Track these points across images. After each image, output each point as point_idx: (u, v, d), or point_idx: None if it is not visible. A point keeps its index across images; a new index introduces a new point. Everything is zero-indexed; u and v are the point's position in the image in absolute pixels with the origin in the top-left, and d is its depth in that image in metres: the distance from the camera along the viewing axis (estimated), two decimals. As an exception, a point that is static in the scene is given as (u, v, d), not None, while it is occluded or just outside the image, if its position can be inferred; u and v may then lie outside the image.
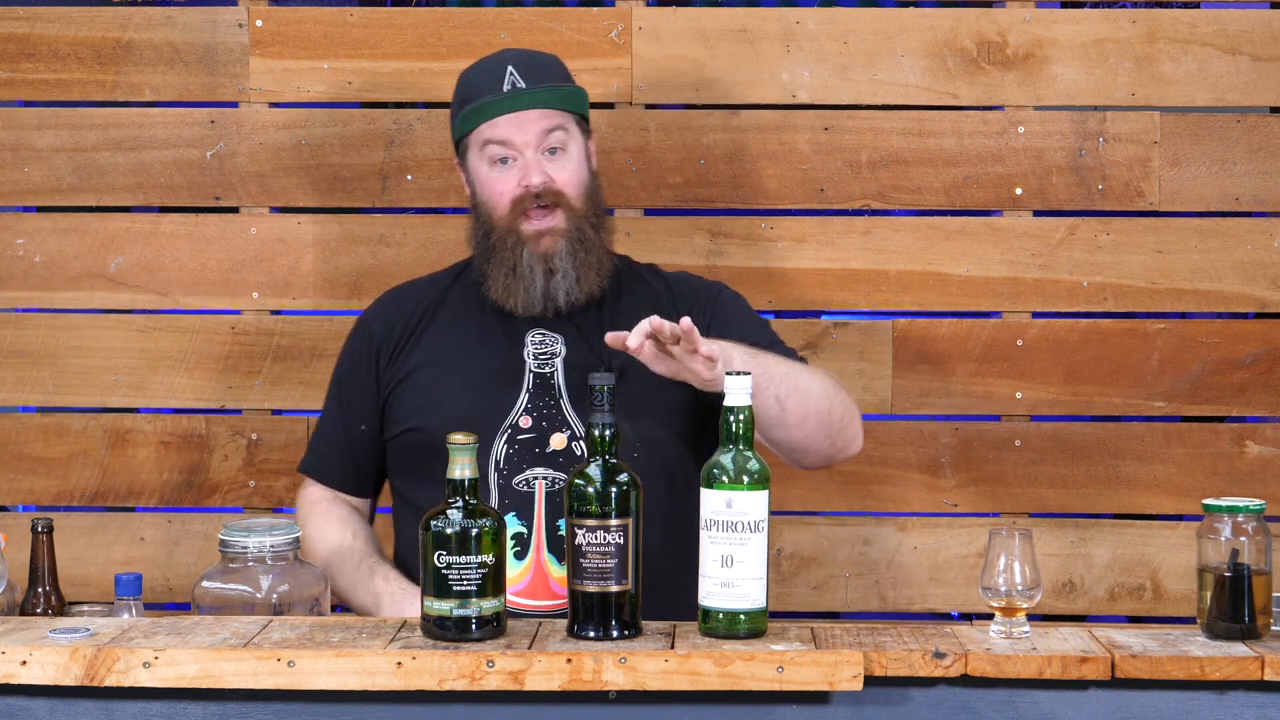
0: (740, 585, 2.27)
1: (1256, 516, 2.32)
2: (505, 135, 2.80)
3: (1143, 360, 3.37)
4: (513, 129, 2.79)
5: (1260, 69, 3.34)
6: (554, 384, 2.79)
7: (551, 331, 2.82)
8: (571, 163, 2.82)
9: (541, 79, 2.82)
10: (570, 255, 2.79)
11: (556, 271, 2.79)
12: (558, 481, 2.74)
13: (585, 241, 2.81)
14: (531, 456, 2.76)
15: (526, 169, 2.79)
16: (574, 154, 2.83)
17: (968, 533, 3.40)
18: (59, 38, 3.40)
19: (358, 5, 4.03)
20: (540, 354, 2.81)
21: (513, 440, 2.77)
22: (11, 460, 3.41)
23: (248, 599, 2.61)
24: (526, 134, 2.79)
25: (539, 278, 2.79)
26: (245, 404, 3.41)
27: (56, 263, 3.41)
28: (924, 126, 3.37)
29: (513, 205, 2.80)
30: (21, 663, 2.22)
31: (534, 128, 2.79)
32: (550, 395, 2.78)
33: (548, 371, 2.80)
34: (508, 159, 2.81)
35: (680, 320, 2.49)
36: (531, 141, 2.79)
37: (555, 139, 2.81)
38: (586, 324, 2.83)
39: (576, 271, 2.79)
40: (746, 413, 2.29)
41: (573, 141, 2.83)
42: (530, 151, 2.79)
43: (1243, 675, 2.23)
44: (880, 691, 2.25)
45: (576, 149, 2.83)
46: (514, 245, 2.79)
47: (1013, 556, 2.33)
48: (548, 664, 2.20)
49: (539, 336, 2.82)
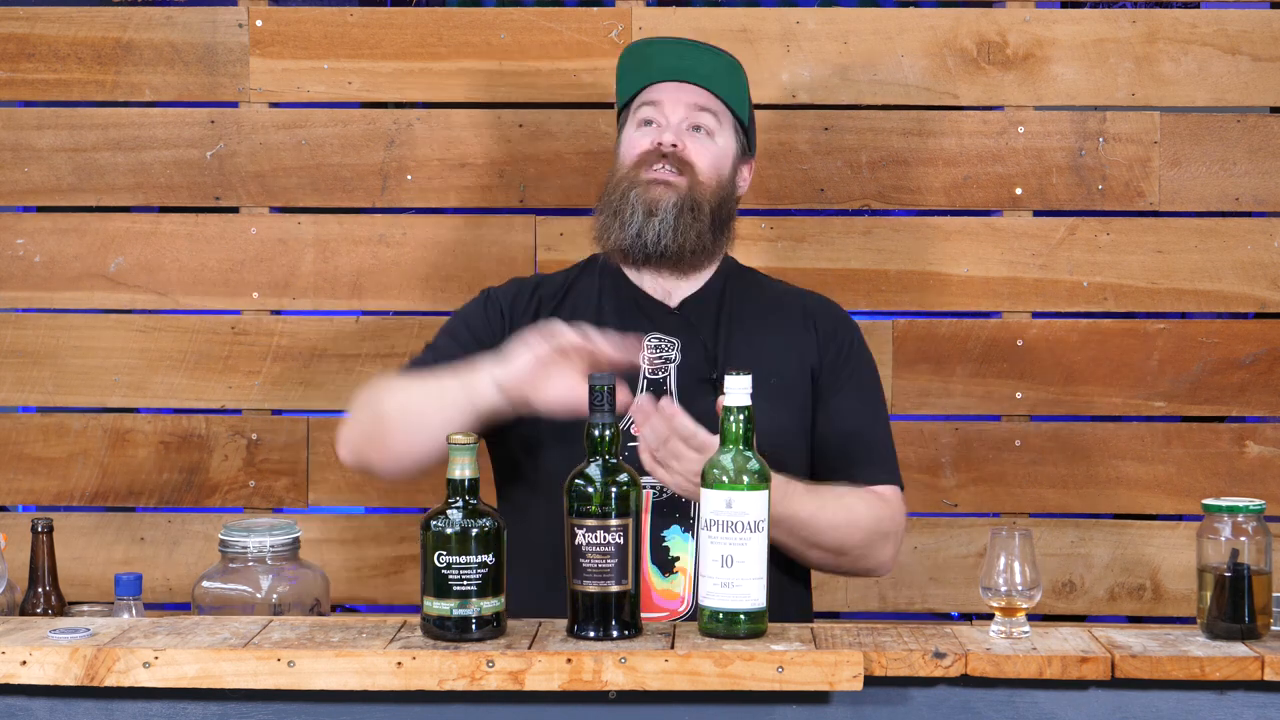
0: (740, 585, 2.27)
1: (1256, 516, 2.32)
2: (656, 97, 2.80)
3: (1143, 360, 3.37)
4: (666, 94, 2.79)
5: (1260, 69, 3.34)
6: (666, 390, 2.73)
7: (669, 336, 2.76)
8: (710, 147, 2.80)
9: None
10: (675, 208, 2.74)
11: (656, 214, 2.74)
12: (665, 490, 2.67)
13: (696, 210, 2.75)
14: (640, 463, 2.69)
15: (665, 129, 2.78)
16: (718, 144, 2.80)
17: (968, 533, 3.40)
18: (59, 38, 3.40)
19: (358, 5, 4.04)
20: (655, 359, 2.75)
21: (623, 446, 2.73)
22: (11, 460, 3.41)
23: (248, 599, 2.61)
24: (675, 103, 2.78)
25: (639, 215, 2.73)
26: (245, 404, 3.41)
27: (56, 263, 3.41)
28: (924, 126, 3.37)
29: (640, 157, 2.78)
30: (21, 663, 2.22)
31: (686, 98, 2.78)
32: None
33: (660, 378, 2.74)
34: (653, 121, 2.80)
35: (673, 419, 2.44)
36: (681, 111, 2.78)
37: (704, 119, 2.79)
38: (704, 327, 2.77)
39: (677, 224, 2.74)
40: (746, 413, 2.29)
41: (720, 134, 2.80)
42: (674, 119, 2.78)
43: (1243, 675, 2.23)
44: (880, 691, 2.25)
45: (723, 142, 2.81)
46: (627, 188, 2.77)
47: (1013, 556, 2.33)
48: (548, 664, 2.20)
49: (655, 341, 2.76)
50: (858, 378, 2.82)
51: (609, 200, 2.78)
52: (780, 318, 2.82)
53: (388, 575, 3.42)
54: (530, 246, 3.38)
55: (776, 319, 2.82)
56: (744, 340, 2.76)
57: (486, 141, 3.39)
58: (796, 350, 2.78)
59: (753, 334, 2.78)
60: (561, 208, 3.40)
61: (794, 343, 2.79)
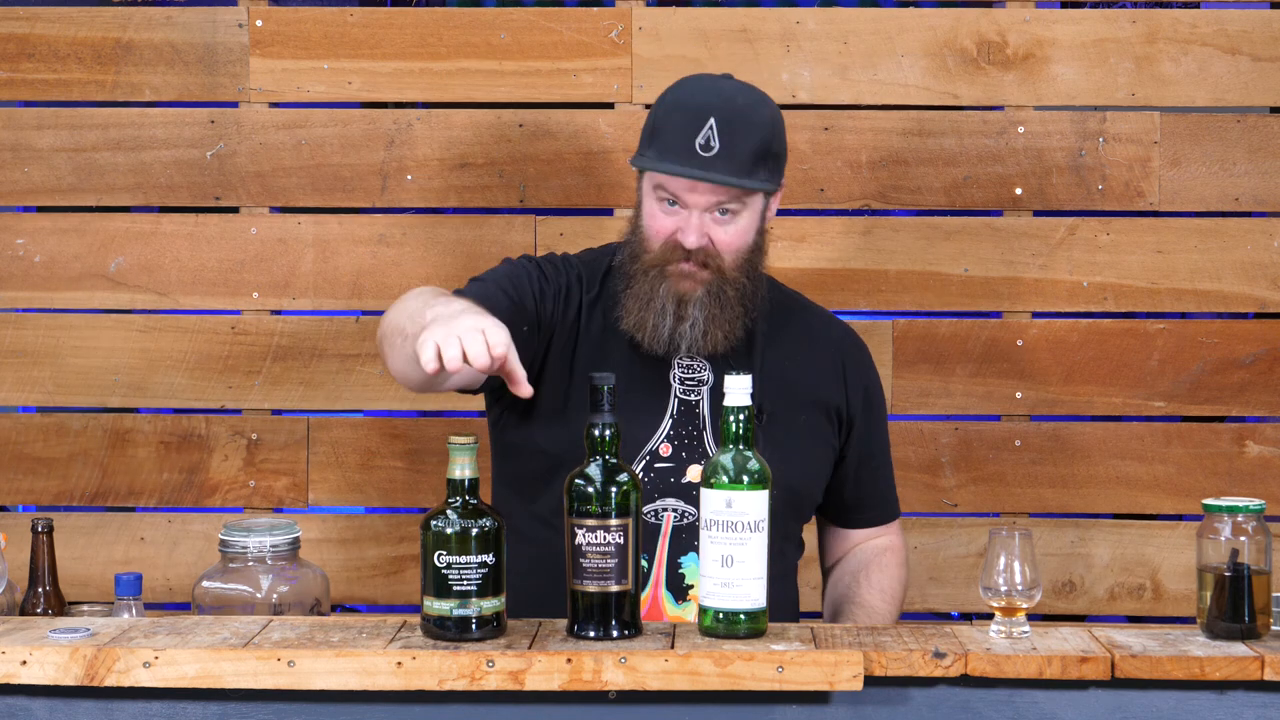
0: (740, 585, 2.27)
1: (1256, 516, 2.32)
2: (676, 192, 2.67)
3: (1143, 360, 3.37)
4: (685, 189, 2.66)
5: (1260, 69, 3.34)
6: (699, 413, 2.71)
7: (699, 357, 2.74)
8: (737, 227, 2.69)
9: (735, 147, 2.64)
10: (703, 306, 2.68)
11: (686, 319, 2.68)
12: (687, 515, 2.67)
13: (723, 300, 2.69)
14: (666, 486, 2.69)
15: (687, 229, 2.66)
16: (744, 219, 2.70)
17: (968, 533, 3.40)
18: (59, 38, 3.40)
19: (358, 5, 4.04)
20: (688, 379, 2.73)
21: (650, 467, 2.69)
22: (11, 460, 3.41)
23: (248, 599, 2.61)
24: (695, 198, 2.66)
25: (669, 317, 2.68)
26: (245, 404, 3.41)
27: (56, 263, 3.41)
28: (924, 126, 3.37)
29: (664, 246, 2.69)
30: (21, 663, 2.22)
31: (708, 198, 2.66)
32: (694, 425, 2.71)
33: (694, 399, 2.72)
34: (672, 203, 2.68)
35: None
36: (701, 204, 2.66)
37: (728, 205, 2.67)
38: (736, 356, 2.75)
39: (706, 325, 2.68)
40: (746, 413, 2.29)
41: (748, 209, 2.69)
42: (698, 213, 2.67)
43: (1243, 675, 2.23)
44: (880, 691, 2.25)
45: (750, 215, 2.70)
46: (655, 278, 2.69)
47: (1013, 556, 2.33)
48: (548, 664, 2.20)
49: (687, 360, 2.73)
50: (876, 415, 2.89)
51: (639, 284, 2.70)
52: (812, 345, 2.83)
53: (387, 575, 3.42)
54: (530, 246, 3.38)
55: (809, 346, 2.83)
56: (779, 367, 2.76)
57: (486, 141, 3.39)
58: (824, 383, 2.81)
59: (787, 360, 2.78)
60: (561, 208, 3.40)
61: (823, 376, 2.81)
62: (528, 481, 2.74)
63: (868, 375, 2.88)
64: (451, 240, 3.38)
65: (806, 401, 2.78)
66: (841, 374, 2.83)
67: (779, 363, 2.78)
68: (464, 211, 3.43)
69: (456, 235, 3.39)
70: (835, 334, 2.88)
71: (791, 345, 2.82)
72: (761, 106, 2.71)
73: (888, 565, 2.89)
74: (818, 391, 2.80)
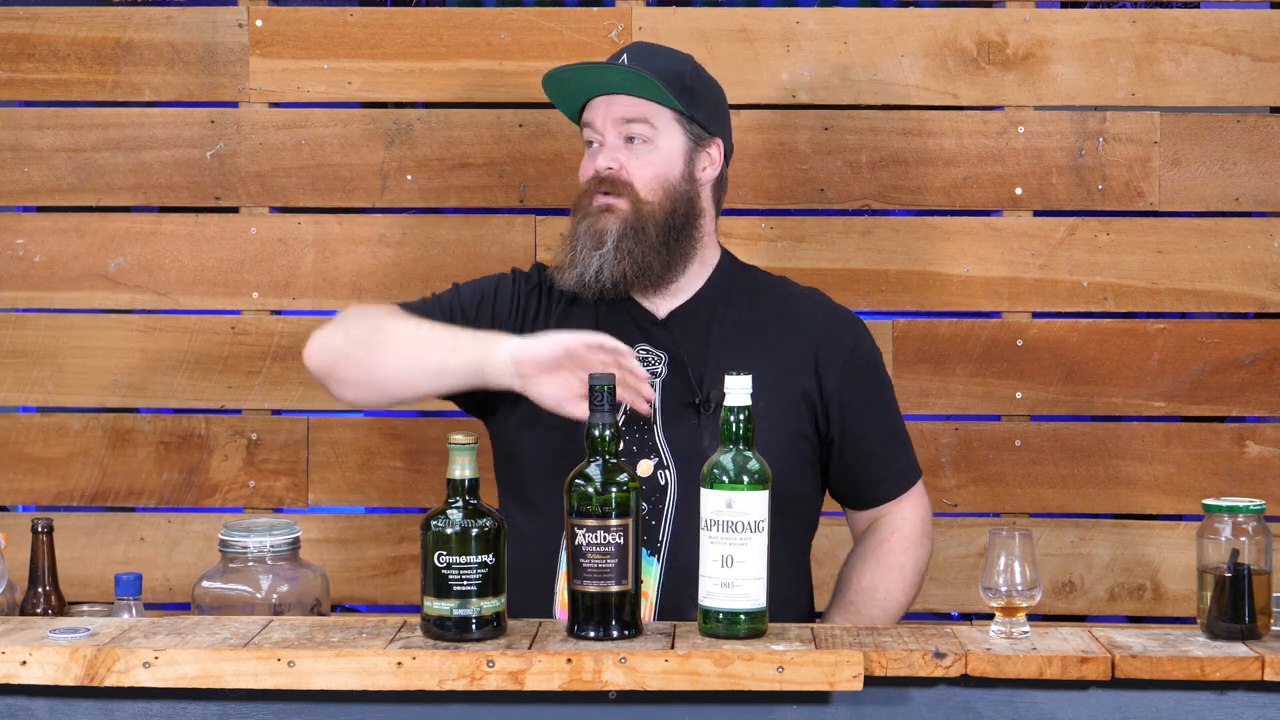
0: (740, 585, 2.27)
1: (1256, 516, 2.32)
2: (589, 117, 2.78)
3: (1143, 360, 3.37)
4: (597, 112, 2.76)
5: (1260, 69, 3.34)
6: (652, 407, 2.68)
7: (656, 349, 2.73)
8: (650, 156, 2.73)
9: (644, 65, 2.73)
10: (618, 238, 2.71)
11: (601, 247, 2.71)
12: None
13: (640, 235, 2.71)
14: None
15: (601, 155, 2.76)
16: (660, 148, 2.74)
17: (968, 533, 3.40)
18: (59, 38, 3.40)
19: (358, 5, 4.04)
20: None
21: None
22: (11, 460, 3.41)
23: (248, 599, 2.61)
24: (605, 120, 2.75)
25: (587, 250, 2.72)
26: (245, 404, 3.41)
27: (56, 263, 3.41)
28: (924, 126, 3.37)
29: (586, 185, 2.77)
30: (21, 663, 2.22)
31: (615, 113, 2.75)
32: (644, 420, 2.69)
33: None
34: (593, 143, 2.78)
35: None
36: (613, 116, 2.75)
37: (636, 129, 2.73)
38: (691, 344, 2.73)
39: (616, 254, 2.70)
40: (746, 413, 2.29)
41: (661, 136, 2.74)
42: (610, 136, 2.75)
43: (1243, 675, 2.23)
44: (880, 691, 2.25)
45: (666, 145, 2.74)
46: (578, 220, 2.75)
47: (1013, 556, 2.33)
48: (548, 664, 2.20)
49: (643, 354, 2.73)
50: (867, 389, 2.80)
51: (568, 233, 2.78)
52: (778, 331, 2.77)
53: (388, 575, 3.42)
54: (530, 246, 3.38)
55: (775, 333, 2.77)
56: (735, 359, 2.69)
57: (486, 141, 3.39)
58: (790, 370, 2.74)
59: (745, 351, 2.73)
60: (561, 208, 3.39)
61: (790, 363, 2.74)
62: (526, 484, 2.75)
63: (849, 351, 2.78)
64: (451, 240, 3.38)
65: (769, 388, 2.63)
66: (812, 356, 2.75)
67: (740, 339, 2.73)
68: (464, 211, 3.43)
69: (456, 235, 3.39)
70: (807, 312, 2.81)
71: (756, 319, 2.78)
72: (683, 55, 2.82)
73: (885, 554, 2.80)
74: (785, 377, 2.72)
